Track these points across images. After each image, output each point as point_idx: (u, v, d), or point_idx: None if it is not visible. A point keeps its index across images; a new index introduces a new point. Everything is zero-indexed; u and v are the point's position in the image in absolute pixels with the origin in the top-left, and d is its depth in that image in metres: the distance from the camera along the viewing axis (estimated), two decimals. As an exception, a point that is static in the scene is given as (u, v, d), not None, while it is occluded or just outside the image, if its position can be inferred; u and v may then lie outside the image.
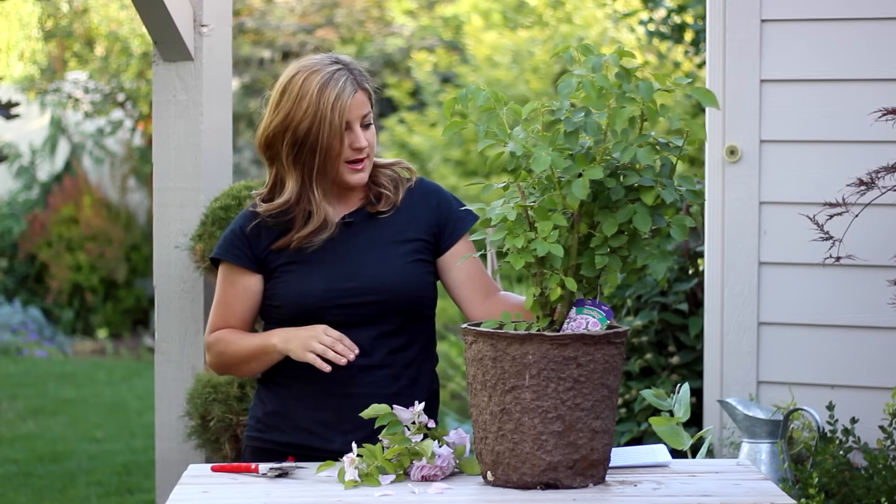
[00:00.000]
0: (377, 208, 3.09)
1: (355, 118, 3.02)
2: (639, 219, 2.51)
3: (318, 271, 3.03)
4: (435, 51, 12.30)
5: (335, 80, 3.00)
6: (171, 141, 4.45)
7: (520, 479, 2.55)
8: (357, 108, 3.02)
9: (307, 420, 3.04)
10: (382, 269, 3.03)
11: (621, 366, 2.61)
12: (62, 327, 11.52)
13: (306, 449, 3.01)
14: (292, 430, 3.06)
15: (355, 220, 3.09)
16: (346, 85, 3.00)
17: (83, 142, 12.53)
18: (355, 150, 3.02)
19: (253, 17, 12.36)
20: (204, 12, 4.42)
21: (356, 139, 3.02)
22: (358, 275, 3.03)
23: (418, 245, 3.08)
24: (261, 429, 3.10)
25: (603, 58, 2.51)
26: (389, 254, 3.06)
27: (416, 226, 3.09)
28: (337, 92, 2.99)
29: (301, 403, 3.05)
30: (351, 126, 3.02)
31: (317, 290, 3.01)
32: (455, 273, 3.11)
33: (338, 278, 3.02)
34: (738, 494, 2.55)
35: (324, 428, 3.02)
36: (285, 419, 3.07)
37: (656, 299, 4.75)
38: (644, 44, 8.49)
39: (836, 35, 4.09)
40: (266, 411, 3.10)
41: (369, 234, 3.07)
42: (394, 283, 3.02)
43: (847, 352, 4.07)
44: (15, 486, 6.43)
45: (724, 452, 4.11)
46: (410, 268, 3.06)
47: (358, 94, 3.02)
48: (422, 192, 3.13)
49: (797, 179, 4.11)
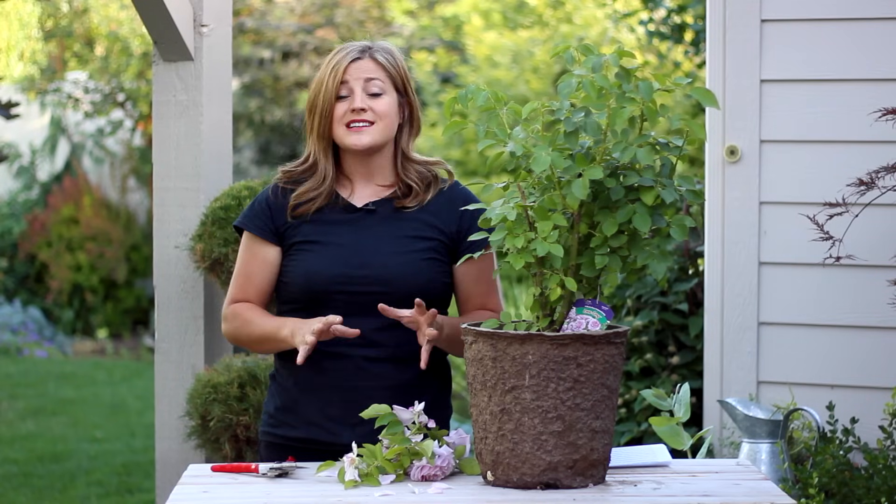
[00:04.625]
0: (403, 203, 3.10)
1: (355, 80, 3.05)
2: (639, 219, 2.51)
3: (330, 253, 3.05)
4: (435, 51, 12.31)
5: (344, 49, 3.09)
6: (171, 141, 4.45)
7: (520, 479, 2.56)
8: (357, 72, 3.06)
9: (316, 414, 3.05)
10: (394, 261, 3.04)
11: (621, 366, 2.61)
12: (62, 327, 11.52)
13: (316, 444, 3.02)
14: (302, 425, 3.06)
15: (379, 209, 3.10)
16: (352, 52, 3.07)
17: (83, 142, 12.53)
18: (353, 111, 3.05)
19: (253, 17, 12.36)
20: (204, 12, 4.42)
21: (353, 100, 3.05)
22: (369, 263, 3.03)
23: (436, 244, 3.09)
24: (273, 424, 3.12)
25: (603, 58, 2.51)
26: (405, 247, 3.06)
27: (437, 226, 3.10)
28: (339, 57, 3.07)
29: (310, 398, 3.05)
30: (352, 90, 3.05)
31: (326, 271, 3.03)
32: (456, 285, 3.14)
33: (349, 264, 3.03)
34: (738, 494, 2.55)
35: (332, 422, 3.02)
36: (295, 414, 3.08)
37: (656, 299, 4.75)
38: (644, 44, 8.49)
39: (836, 35, 4.09)
40: (277, 406, 3.12)
41: (390, 226, 3.08)
42: (403, 276, 3.02)
43: (847, 352, 4.07)
44: (15, 486, 6.43)
45: (724, 452, 4.11)
46: (424, 264, 3.06)
47: (363, 61, 3.07)
48: (452, 197, 3.14)
49: (797, 179, 4.11)
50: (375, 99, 3.06)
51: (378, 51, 3.09)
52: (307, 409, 3.06)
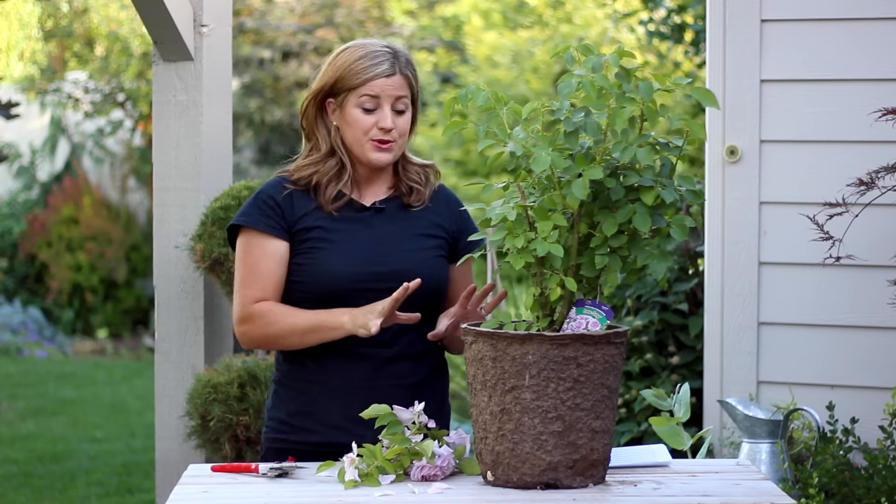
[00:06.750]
0: (409, 201, 3.10)
1: (386, 98, 3.03)
2: (639, 219, 2.51)
3: (346, 252, 3.03)
4: (435, 51, 12.31)
5: (373, 55, 3.04)
6: (171, 141, 4.45)
7: (520, 479, 2.56)
8: (390, 89, 3.03)
9: (337, 416, 3.02)
10: (411, 259, 3.04)
11: (621, 366, 2.61)
12: (62, 327, 11.52)
13: (336, 447, 2.90)
14: (322, 429, 3.03)
15: (387, 207, 3.10)
16: (384, 65, 3.03)
17: (83, 142, 12.53)
18: (381, 129, 3.03)
19: (253, 17, 12.36)
20: (204, 12, 4.42)
21: (383, 119, 3.03)
22: (389, 260, 3.03)
23: (442, 242, 3.11)
24: (286, 430, 3.06)
25: (603, 58, 2.51)
26: (419, 245, 3.07)
27: (441, 225, 3.12)
28: (369, 64, 3.03)
29: (331, 400, 3.03)
30: (381, 105, 3.03)
31: (345, 269, 3.01)
32: (448, 283, 3.14)
33: (368, 262, 3.02)
34: (738, 494, 2.55)
35: (354, 423, 2.97)
36: (312, 419, 3.04)
37: (656, 299, 4.75)
38: (644, 44, 8.49)
39: (835, 35, 4.09)
40: (290, 412, 3.07)
41: (401, 224, 3.09)
42: (419, 273, 3.01)
43: (847, 352, 4.08)
44: (15, 486, 6.43)
45: (724, 452, 4.11)
46: (437, 261, 3.08)
47: (395, 77, 3.04)
48: (445, 198, 3.16)
49: (797, 179, 4.11)
50: (400, 116, 3.05)
51: (405, 64, 3.06)
52: (327, 413, 3.03)
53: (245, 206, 3.11)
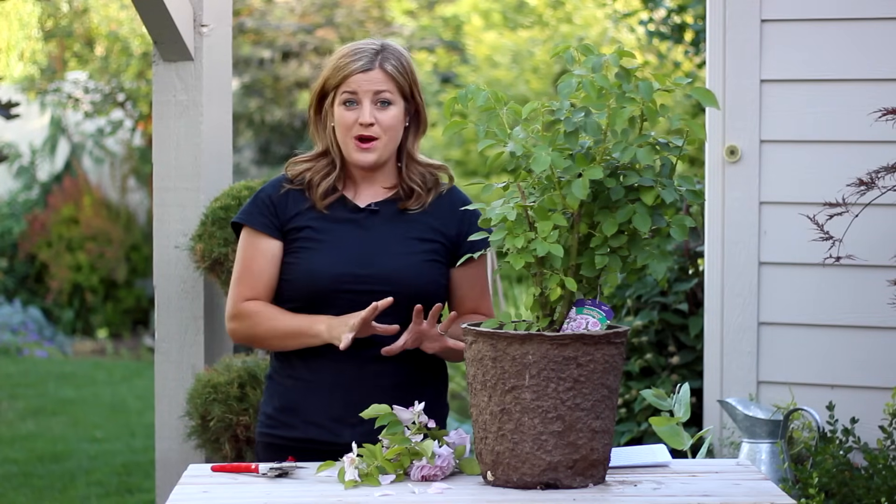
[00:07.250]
0: (406, 205, 3.10)
1: (364, 93, 3.04)
2: (639, 219, 2.51)
3: (334, 252, 3.05)
4: (435, 51, 12.31)
5: (355, 52, 3.06)
6: (171, 141, 4.45)
7: (520, 479, 2.56)
8: (367, 84, 3.04)
9: (318, 414, 3.05)
10: (398, 262, 3.04)
11: (621, 366, 2.61)
12: (62, 327, 11.52)
13: (316, 443, 3.02)
14: (303, 425, 3.06)
15: (382, 210, 3.10)
16: (362, 59, 3.05)
17: (83, 142, 12.53)
18: (360, 125, 3.04)
19: (253, 17, 12.35)
20: (204, 12, 4.42)
21: (362, 114, 3.04)
22: (373, 263, 3.04)
23: (437, 247, 3.10)
24: (272, 425, 3.11)
25: (603, 58, 2.51)
26: (408, 249, 3.07)
27: (438, 230, 3.11)
28: (348, 62, 3.05)
29: (313, 398, 3.06)
30: (360, 101, 3.04)
31: (330, 270, 3.03)
32: (452, 288, 3.14)
33: (353, 263, 3.03)
34: (738, 494, 2.55)
35: (334, 422, 3.02)
36: (296, 415, 3.08)
37: (656, 299, 4.75)
38: (644, 44, 8.49)
39: (836, 35, 4.09)
40: (276, 407, 3.11)
41: (393, 227, 3.09)
42: (407, 277, 3.02)
43: (847, 352, 4.07)
44: (15, 486, 6.43)
45: (724, 452, 4.11)
46: (426, 266, 3.07)
47: (373, 72, 3.04)
48: (452, 200, 3.15)
49: (797, 179, 4.11)
50: (383, 111, 3.06)
51: (388, 58, 3.06)
52: (310, 410, 3.06)
53: (246, 204, 3.16)
